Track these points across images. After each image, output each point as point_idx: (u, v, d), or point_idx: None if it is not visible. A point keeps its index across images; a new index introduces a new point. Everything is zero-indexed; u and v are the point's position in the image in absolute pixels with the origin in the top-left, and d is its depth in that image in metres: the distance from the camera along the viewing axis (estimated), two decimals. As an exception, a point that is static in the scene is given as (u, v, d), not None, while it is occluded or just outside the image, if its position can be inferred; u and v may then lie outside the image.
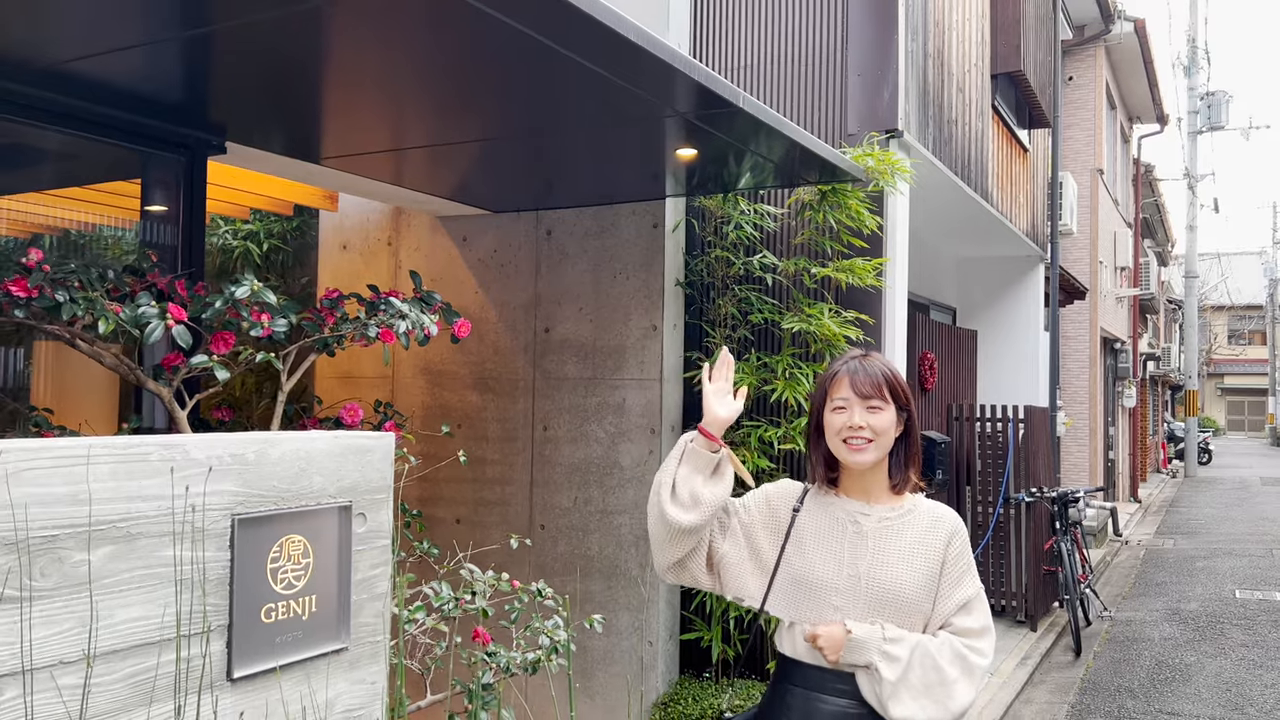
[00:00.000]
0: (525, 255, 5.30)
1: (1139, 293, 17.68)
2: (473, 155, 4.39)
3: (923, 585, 2.12)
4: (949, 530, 2.17)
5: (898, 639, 2.08)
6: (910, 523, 2.18)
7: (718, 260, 4.96)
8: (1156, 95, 17.53)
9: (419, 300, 3.07)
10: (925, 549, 2.14)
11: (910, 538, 2.15)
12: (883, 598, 2.12)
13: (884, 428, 2.15)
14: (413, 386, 5.57)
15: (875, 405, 2.16)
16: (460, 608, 2.71)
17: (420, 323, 2.86)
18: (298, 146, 4.23)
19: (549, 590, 2.94)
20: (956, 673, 2.06)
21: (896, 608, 2.11)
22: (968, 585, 2.15)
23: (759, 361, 4.83)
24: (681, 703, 4.71)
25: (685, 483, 2.10)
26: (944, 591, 2.13)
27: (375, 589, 1.86)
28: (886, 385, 2.18)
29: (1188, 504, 18.63)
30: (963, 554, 2.17)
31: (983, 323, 9.76)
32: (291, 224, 6.12)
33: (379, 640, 1.86)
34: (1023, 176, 8.40)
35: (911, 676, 2.05)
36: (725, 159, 4.30)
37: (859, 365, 2.21)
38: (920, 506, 2.21)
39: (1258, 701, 6.20)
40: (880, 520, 2.17)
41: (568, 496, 5.13)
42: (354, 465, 1.83)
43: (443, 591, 2.70)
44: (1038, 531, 7.94)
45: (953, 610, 2.13)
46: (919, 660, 2.06)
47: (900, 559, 2.13)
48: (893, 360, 5.32)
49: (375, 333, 2.79)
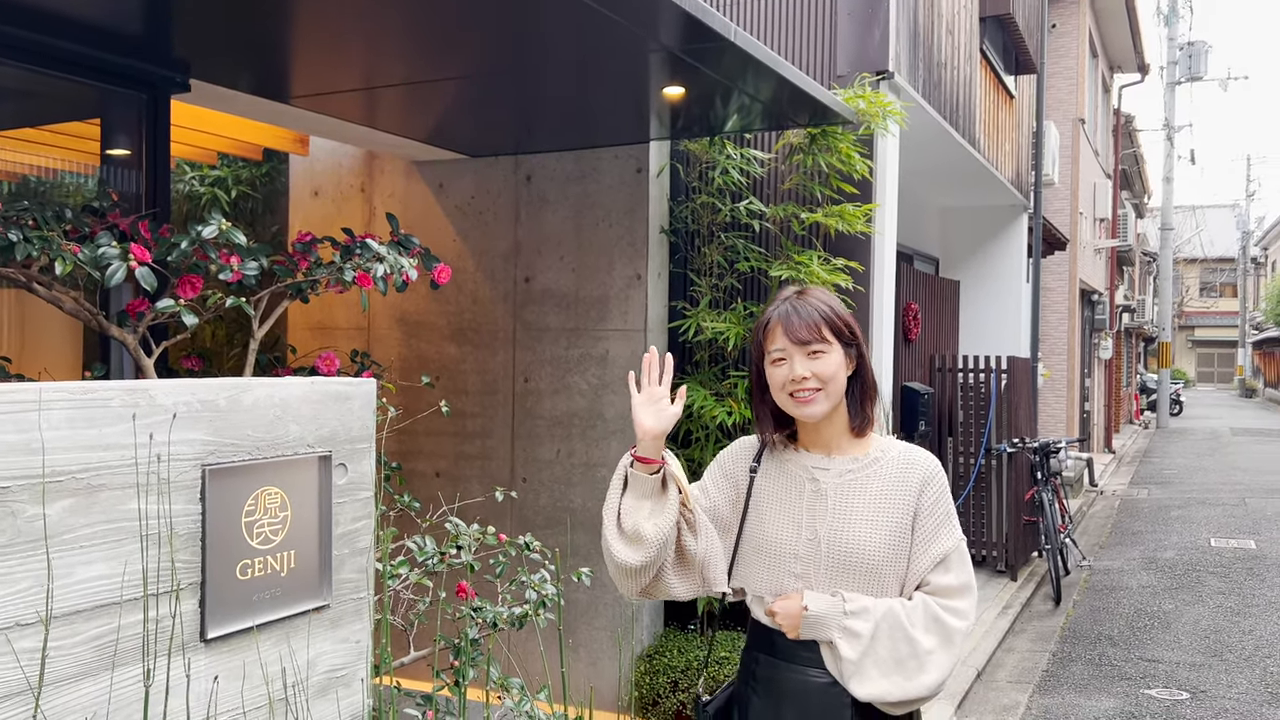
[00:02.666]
0: (504, 202, 5.14)
1: (1117, 244, 17.71)
2: (449, 95, 4.22)
3: (891, 544, 1.91)
4: (921, 477, 1.94)
5: (860, 612, 1.88)
6: (876, 473, 1.95)
7: (703, 206, 4.82)
8: (1138, 44, 17.41)
9: (396, 244, 2.93)
10: (893, 502, 1.92)
11: (875, 490, 1.93)
12: (845, 562, 1.91)
13: (830, 373, 1.92)
14: (388, 338, 5.43)
15: (816, 350, 1.93)
16: (445, 562, 2.61)
17: (398, 266, 2.72)
18: (266, 84, 4.04)
19: (536, 544, 2.85)
20: (932, 642, 1.86)
21: (862, 572, 1.91)
22: (945, 538, 1.92)
23: (746, 311, 4.73)
24: (666, 654, 4.67)
25: (630, 514, 1.88)
26: (918, 547, 1.91)
27: (357, 543, 1.76)
28: (826, 324, 1.94)
29: (1161, 454, 18.86)
30: (939, 502, 1.94)
31: (965, 273, 9.69)
32: (261, 170, 5.91)
33: (362, 597, 1.76)
34: (1009, 124, 8.28)
35: (879, 649, 1.86)
36: (712, 99, 4.16)
37: (790, 308, 1.96)
38: (890, 453, 1.98)
39: (1236, 648, 6.26)
40: (841, 474, 1.96)
41: (550, 449, 5.03)
42: (333, 413, 1.71)
43: (427, 546, 2.60)
44: (1019, 482, 7.95)
45: (928, 566, 1.91)
46: (887, 632, 1.87)
47: (863, 517, 1.92)
48: (881, 308, 5.26)
49: (351, 277, 2.65)
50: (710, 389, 4.76)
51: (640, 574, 1.89)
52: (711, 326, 4.65)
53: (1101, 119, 17.90)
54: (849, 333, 1.97)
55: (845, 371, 1.96)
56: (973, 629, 1.90)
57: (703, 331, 4.69)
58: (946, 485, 1.98)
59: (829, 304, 1.99)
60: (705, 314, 4.74)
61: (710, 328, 4.65)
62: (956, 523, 1.97)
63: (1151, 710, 5.16)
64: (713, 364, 4.88)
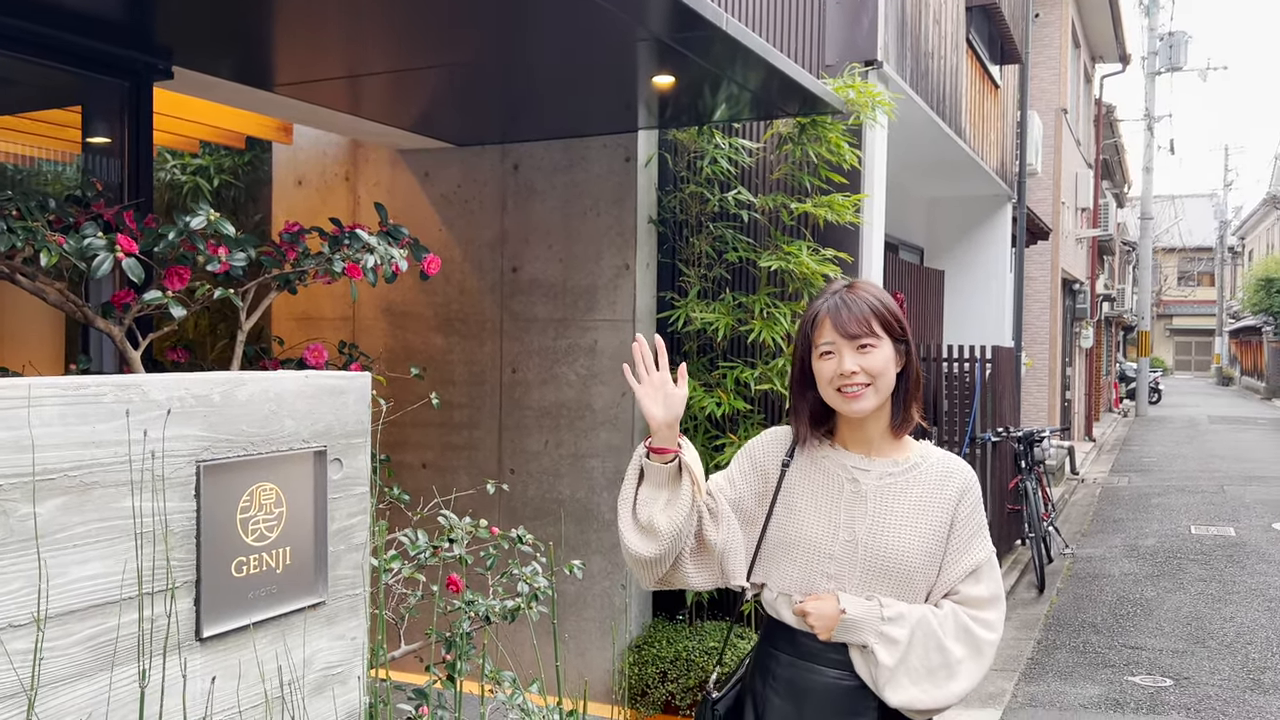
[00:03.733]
0: (491, 191, 5.10)
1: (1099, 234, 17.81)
2: (434, 83, 4.17)
3: (928, 552, 1.90)
4: (959, 487, 1.94)
5: (897, 618, 1.86)
6: (915, 479, 1.93)
7: (692, 196, 4.80)
8: (1120, 34, 17.48)
9: (385, 234, 2.89)
10: (932, 510, 1.91)
11: (915, 496, 1.92)
12: (882, 566, 1.89)
13: (880, 368, 1.89)
14: (375, 328, 5.38)
15: (867, 344, 1.89)
16: (438, 556, 2.59)
17: (389, 257, 2.69)
18: (249, 72, 3.99)
19: (529, 536, 2.83)
20: (962, 651, 1.86)
21: (898, 577, 1.89)
22: (977, 549, 1.92)
23: (735, 301, 4.72)
24: (655, 645, 4.66)
25: (645, 505, 1.87)
26: (951, 557, 1.91)
27: (353, 539, 1.73)
28: (877, 318, 1.91)
29: (1140, 442, 19.02)
30: (974, 514, 1.94)
31: (950, 263, 9.72)
32: (243, 158, 5.85)
33: (358, 593, 1.74)
34: (994, 113, 8.29)
35: (912, 659, 1.85)
36: (701, 87, 4.13)
37: (840, 301, 1.92)
38: (929, 459, 1.97)
39: (1218, 634, 6.32)
40: (882, 477, 1.93)
41: (538, 440, 5.01)
42: (328, 408, 1.69)
43: (419, 539, 2.58)
44: (1003, 471, 7.99)
45: (960, 577, 1.91)
46: (920, 640, 1.86)
47: (903, 523, 1.90)
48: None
49: (341, 268, 2.62)
50: (700, 380, 4.75)
51: (656, 565, 1.88)
52: (700, 317, 4.64)
53: (1083, 109, 17.98)
54: (899, 328, 1.94)
55: (894, 368, 1.93)
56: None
57: (691, 322, 4.67)
58: (980, 496, 1.98)
59: (879, 298, 1.95)
60: (694, 304, 4.72)
61: (699, 318, 4.64)
62: (988, 535, 1.96)
63: (1135, 697, 5.20)
64: (701, 354, 4.87)
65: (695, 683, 4.52)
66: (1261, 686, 5.35)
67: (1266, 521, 10.30)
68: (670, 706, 4.60)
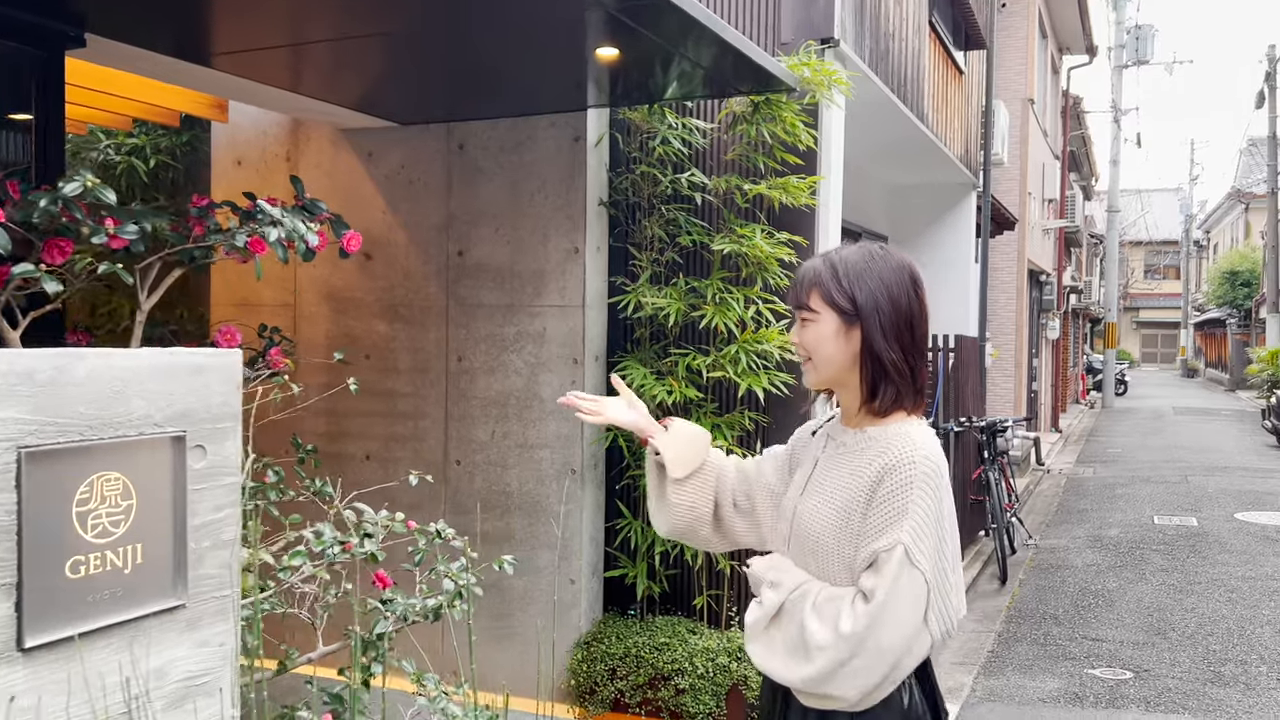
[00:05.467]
0: (436, 171, 4.91)
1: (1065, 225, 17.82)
2: (375, 56, 3.98)
3: (839, 527, 1.75)
4: (883, 465, 1.72)
5: (777, 584, 1.79)
6: (859, 453, 1.79)
7: (644, 177, 4.64)
8: (1087, 25, 17.47)
9: (300, 209, 2.71)
10: (852, 484, 1.76)
11: (847, 469, 1.78)
12: (799, 535, 1.82)
13: (813, 343, 1.80)
14: (317, 315, 5.18)
15: (805, 316, 1.81)
16: (348, 552, 2.41)
17: (296, 232, 2.51)
18: (174, 41, 3.78)
19: (450, 531, 2.66)
20: (824, 638, 1.68)
21: (811, 549, 1.79)
22: (887, 536, 1.67)
23: (687, 286, 4.56)
24: (604, 641, 4.51)
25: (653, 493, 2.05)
26: (863, 540, 1.71)
27: (220, 535, 1.56)
28: (817, 289, 1.78)
29: (1106, 433, 19.10)
30: (895, 496, 1.69)
31: (914, 251, 9.62)
32: (181, 138, 5.62)
33: (226, 595, 1.56)
34: (958, 100, 8.18)
35: (785, 626, 1.75)
36: (651, 63, 3.97)
37: (800, 268, 1.86)
38: (886, 435, 1.78)
39: (1179, 626, 6.26)
40: (839, 447, 1.84)
41: (485, 430, 4.84)
42: (188, 388, 1.51)
43: (325, 534, 2.40)
44: (966, 461, 7.91)
45: (863, 564, 1.71)
46: (791, 612, 1.75)
47: (824, 493, 1.80)
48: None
49: (244, 242, 2.43)
50: (651, 367, 4.59)
51: (682, 537, 2.04)
52: (651, 302, 4.48)
53: (1050, 100, 17.97)
54: (849, 302, 1.76)
55: (840, 344, 1.78)
56: (883, 646, 1.65)
57: (642, 308, 4.51)
58: (917, 480, 1.70)
59: (833, 264, 1.81)
60: (645, 289, 4.56)
61: (650, 303, 4.48)
62: (911, 525, 1.68)
63: (1095, 690, 5.11)
64: (654, 341, 4.71)
65: (645, 680, 4.37)
66: (1222, 679, 5.28)
67: (1228, 511, 10.31)
68: (619, 704, 4.45)
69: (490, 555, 4.77)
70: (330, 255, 5.16)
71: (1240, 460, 14.61)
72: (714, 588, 4.61)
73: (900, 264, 1.83)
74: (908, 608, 1.66)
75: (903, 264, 1.83)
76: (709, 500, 2.01)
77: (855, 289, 1.77)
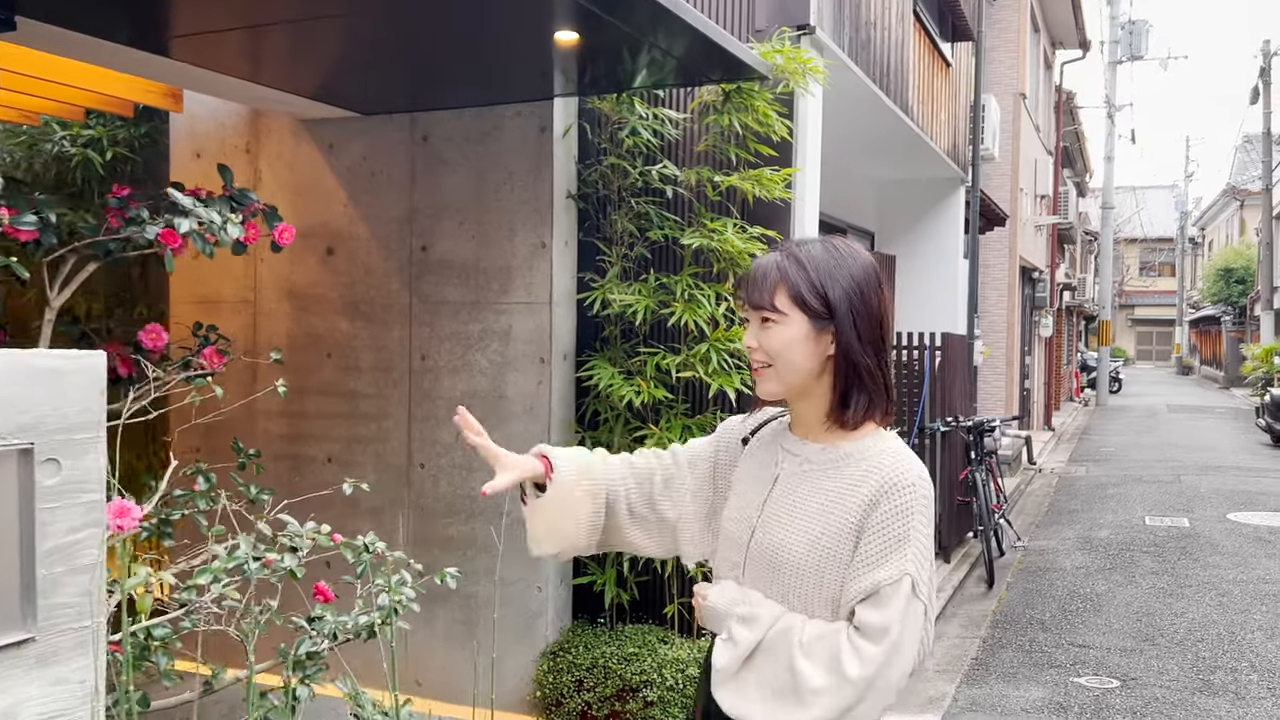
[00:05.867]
0: (399, 163, 4.74)
1: (1058, 221, 17.68)
2: (334, 43, 3.82)
3: (822, 555, 1.58)
4: (877, 488, 1.56)
5: (751, 618, 1.60)
6: (835, 472, 1.61)
7: (613, 169, 4.47)
8: (1080, 19, 17.33)
9: (228, 199, 2.54)
10: (838, 508, 1.58)
11: (826, 491, 1.60)
12: (768, 561, 1.63)
13: (779, 348, 1.60)
14: (277, 312, 5.01)
15: (768, 317, 1.62)
16: (268, 567, 2.25)
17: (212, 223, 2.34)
18: (117, 25, 3.59)
19: (380, 544, 2.49)
20: (822, 681, 1.51)
21: (785, 576, 1.60)
22: (886, 567, 1.53)
23: (657, 282, 4.39)
24: (571, 651, 4.35)
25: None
26: (856, 569, 1.55)
27: (77, 559, 1.39)
28: (786, 288, 1.60)
29: (1099, 431, 18.98)
30: (893, 522, 1.54)
31: (901, 248, 9.46)
32: (139, 130, 5.44)
33: (86, 626, 1.40)
34: (945, 93, 8.02)
35: (763, 670, 1.57)
36: (619, 50, 3.80)
37: (757, 264, 1.66)
38: (866, 452, 1.61)
39: (1168, 632, 6.11)
40: (804, 463, 1.65)
41: (449, 432, 4.67)
42: (37, 395, 1.34)
43: (242, 549, 2.23)
44: (953, 462, 7.76)
45: (858, 595, 1.54)
46: (772, 651, 1.57)
47: (799, 516, 1.61)
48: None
49: (154, 233, 2.26)
50: (620, 367, 4.43)
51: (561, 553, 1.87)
52: (619, 299, 4.32)
53: (1043, 95, 17.83)
54: (821, 303, 1.59)
55: (809, 349, 1.61)
56: (891, 684, 1.53)
57: (610, 304, 4.35)
58: (916, 506, 1.56)
59: (800, 260, 1.62)
60: (614, 285, 4.40)
61: (618, 300, 4.32)
62: (914, 554, 1.54)
63: (1080, 701, 4.96)
64: (624, 340, 4.54)
65: (612, 692, 4.21)
66: (1211, 688, 5.13)
67: (1221, 512, 10.17)
68: (586, 717, 4.29)
69: (455, 561, 4.62)
70: (292, 251, 5.00)
71: (1234, 459, 14.48)
72: (685, 595, 4.45)
73: (867, 261, 1.67)
74: (913, 643, 1.55)
75: (869, 260, 1.68)
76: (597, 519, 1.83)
77: (828, 288, 1.60)
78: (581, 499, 1.79)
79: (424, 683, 4.70)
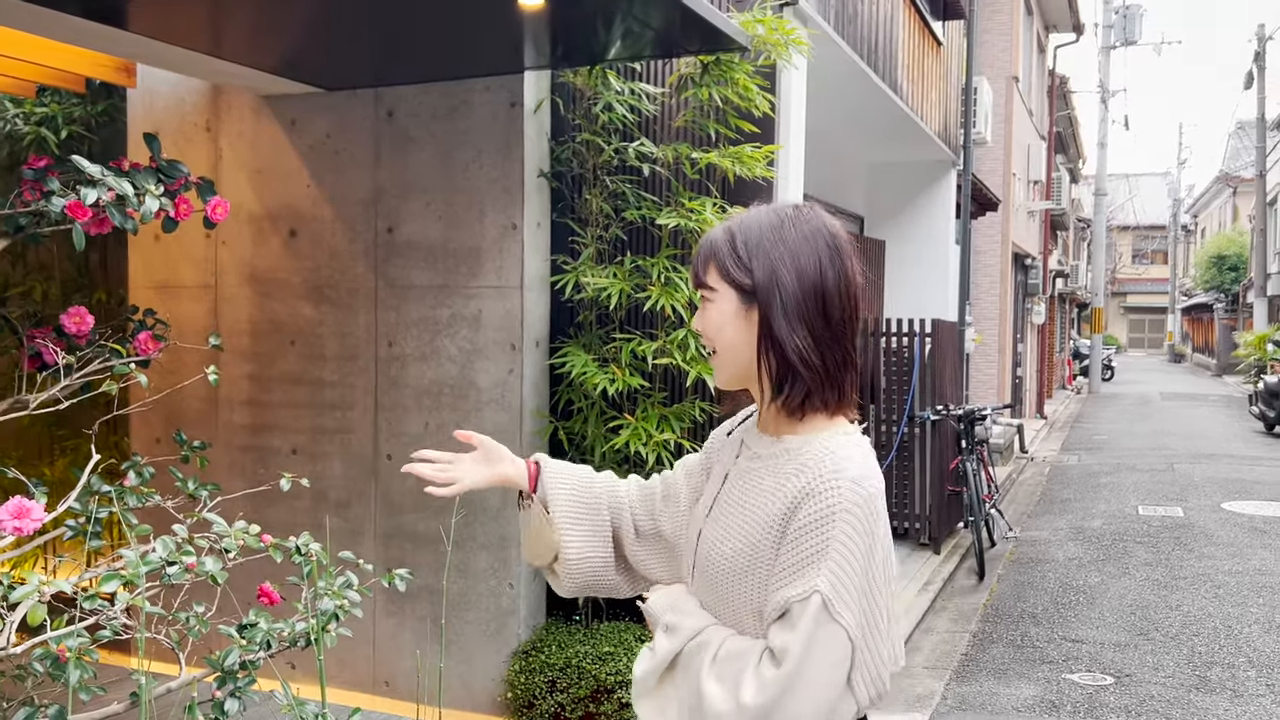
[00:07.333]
0: (363, 141, 4.53)
1: (1051, 207, 17.52)
2: (299, 14, 3.60)
3: (746, 559, 1.40)
4: (800, 490, 1.35)
5: (674, 628, 1.43)
6: (777, 468, 1.42)
7: (587, 146, 4.26)
8: (1073, 3, 17.11)
9: (155, 171, 2.33)
10: (764, 509, 1.40)
11: (762, 489, 1.42)
12: (704, 570, 1.47)
13: (712, 329, 1.45)
14: (238, 297, 4.80)
15: (705, 295, 1.47)
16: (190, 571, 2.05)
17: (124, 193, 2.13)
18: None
19: (315, 546, 2.30)
20: (723, 706, 1.33)
21: (720, 584, 1.43)
22: (799, 582, 1.32)
23: (633, 265, 4.20)
24: (544, 651, 4.16)
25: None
26: (775, 582, 1.36)
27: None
28: (714, 261, 1.44)
29: (1092, 419, 18.85)
30: (812, 531, 1.33)
31: (891, 232, 9.27)
32: (96, 107, 5.21)
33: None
34: (936, 72, 7.81)
35: (681, 685, 1.41)
36: (592, 19, 3.60)
37: (703, 238, 1.50)
38: (804, 448, 1.40)
39: (1163, 625, 5.95)
40: (754, 458, 1.48)
41: (418, 422, 4.47)
42: None
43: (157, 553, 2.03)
44: (943, 451, 7.59)
45: (772, 613, 1.35)
46: (687, 666, 1.40)
47: (734, 516, 1.45)
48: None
49: (60, 206, 2.06)
50: (594, 353, 4.23)
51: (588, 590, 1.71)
52: (594, 283, 4.12)
53: (1036, 79, 17.62)
54: (746, 275, 1.41)
55: (738, 326, 1.43)
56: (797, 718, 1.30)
57: (584, 289, 4.15)
58: (839, 512, 1.33)
59: (738, 230, 1.45)
60: (587, 268, 4.20)
61: (592, 284, 4.12)
62: (831, 569, 1.31)
63: (1073, 698, 4.79)
64: (599, 325, 4.35)
65: (587, 693, 4.03)
66: (1208, 684, 4.97)
67: (1215, 501, 10.03)
68: (559, 718, 4.11)
69: (426, 557, 4.43)
70: (254, 234, 4.80)
71: (1227, 447, 14.36)
72: (663, 591, 4.27)
73: (816, 228, 1.44)
74: (826, 671, 1.30)
75: (819, 228, 1.44)
76: (607, 538, 1.68)
77: (754, 258, 1.41)
78: (577, 509, 1.70)
79: (393, 684, 4.52)
